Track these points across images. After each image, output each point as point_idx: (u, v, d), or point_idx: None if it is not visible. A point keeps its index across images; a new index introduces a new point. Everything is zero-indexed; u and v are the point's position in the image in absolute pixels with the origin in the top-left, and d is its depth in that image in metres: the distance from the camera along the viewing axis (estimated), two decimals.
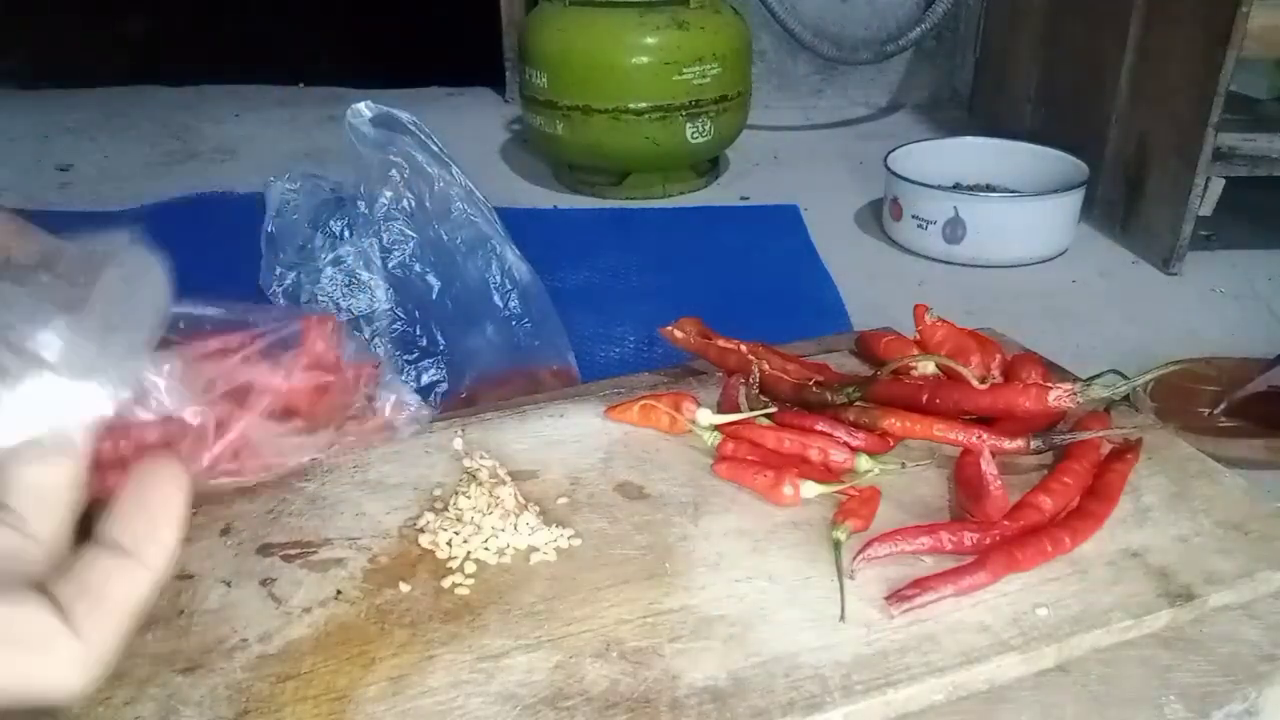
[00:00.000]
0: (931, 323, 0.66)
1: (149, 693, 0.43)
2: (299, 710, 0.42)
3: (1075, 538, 0.51)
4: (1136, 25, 1.47)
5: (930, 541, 0.50)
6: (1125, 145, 1.51)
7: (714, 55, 1.61)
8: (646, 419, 0.62)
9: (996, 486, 0.51)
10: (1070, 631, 0.46)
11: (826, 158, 1.91)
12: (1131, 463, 0.57)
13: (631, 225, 1.56)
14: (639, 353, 1.12)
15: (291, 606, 0.48)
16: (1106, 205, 1.55)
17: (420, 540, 0.52)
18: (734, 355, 0.66)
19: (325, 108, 2.10)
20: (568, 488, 0.57)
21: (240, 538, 0.53)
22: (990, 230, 1.41)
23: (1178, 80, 1.36)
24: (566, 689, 0.43)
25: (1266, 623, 0.47)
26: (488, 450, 0.60)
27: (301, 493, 0.57)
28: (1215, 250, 1.44)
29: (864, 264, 1.43)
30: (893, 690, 0.43)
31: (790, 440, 0.58)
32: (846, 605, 0.47)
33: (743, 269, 1.40)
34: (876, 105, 2.28)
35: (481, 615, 0.47)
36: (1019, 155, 1.60)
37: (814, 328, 1.06)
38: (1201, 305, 1.30)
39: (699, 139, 1.65)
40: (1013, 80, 1.93)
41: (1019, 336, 0.73)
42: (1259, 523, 0.53)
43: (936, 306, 0.68)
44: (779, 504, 0.55)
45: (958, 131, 1.93)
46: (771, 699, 0.42)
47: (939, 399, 0.60)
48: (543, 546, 0.52)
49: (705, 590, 0.49)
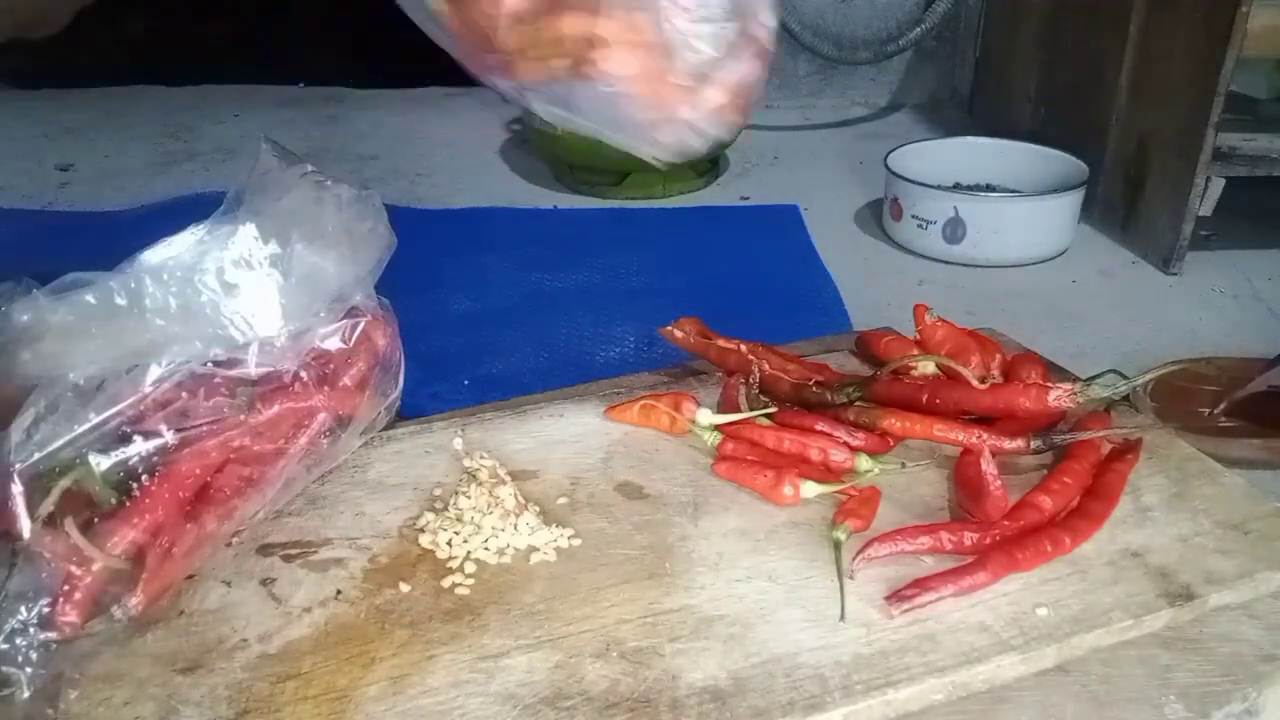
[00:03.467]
0: (931, 323, 0.66)
1: (149, 693, 0.43)
2: (299, 710, 0.42)
3: (1075, 538, 0.51)
4: (1136, 25, 1.47)
5: (930, 541, 0.50)
6: (1125, 145, 1.51)
7: None
8: (646, 419, 0.62)
9: (996, 486, 0.51)
10: (1070, 631, 0.46)
11: (826, 158, 1.91)
12: (1131, 463, 0.57)
13: (631, 225, 1.56)
14: (639, 353, 1.12)
15: (291, 606, 0.48)
16: (1106, 205, 1.55)
17: (420, 540, 0.52)
18: (734, 355, 0.66)
19: (325, 108, 2.10)
20: (568, 488, 0.57)
21: (240, 538, 0.53)
22: (990, 230, 1.41)
23: (1178, 80, 1.36)
24: (566, 689, 0.43)
25: (1266, 623, 0.47)
26: (488, 450, 0.60)
27: (301, 493, 0.57)
28: (1215, 250, 1.44)
29: (864, 264, 1.42)
30: (893, 690, 0.43)
31: (790, 440, 0.58)
32: (846, 605, 0.47)
33: (743, 269, 1.39)
34: (876, 105, 2.28)
35: (481, 615, 0.47)
36: (1019, 155, 1.60)
37: (814, 328, 1.05)
38: (1201, 305, 1.30)
39: None
40: (1013, 80, 1.93)
41: (1019, 336, 0.73)
42: (1259, 523, 0.53)
43: (936, 306, 0.68)
44: (779, 504, 0.55)
45: (958, 131, 1.93)
46: (771, 699, 0.42)
47: (939, 399, 0.60)
48: (543, 546, 0.52)
49: (705, 590, 0.49)
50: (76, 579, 0.44)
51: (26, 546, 0.43)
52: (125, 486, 0.47)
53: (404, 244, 0.60)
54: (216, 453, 0.49)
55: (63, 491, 0.44)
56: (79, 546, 0.44)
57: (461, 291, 1.22)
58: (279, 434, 0.52)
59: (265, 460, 0.51)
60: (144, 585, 0.46)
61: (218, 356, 0.48)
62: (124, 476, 0.46)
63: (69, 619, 0.44)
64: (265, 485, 0.52)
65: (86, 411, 0.45)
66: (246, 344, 0.49)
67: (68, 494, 0.44)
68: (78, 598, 0.44)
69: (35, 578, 0.43)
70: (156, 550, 0.47)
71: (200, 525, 0.49)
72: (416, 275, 1.17)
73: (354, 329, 0.54)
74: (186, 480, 0.48)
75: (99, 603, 0.45)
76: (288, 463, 0.52)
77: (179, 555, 0.48)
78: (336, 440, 0.56)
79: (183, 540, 0.48)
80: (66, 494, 0.44)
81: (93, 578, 0.45)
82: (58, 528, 0.44)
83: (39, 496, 0.43)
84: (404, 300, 0.61)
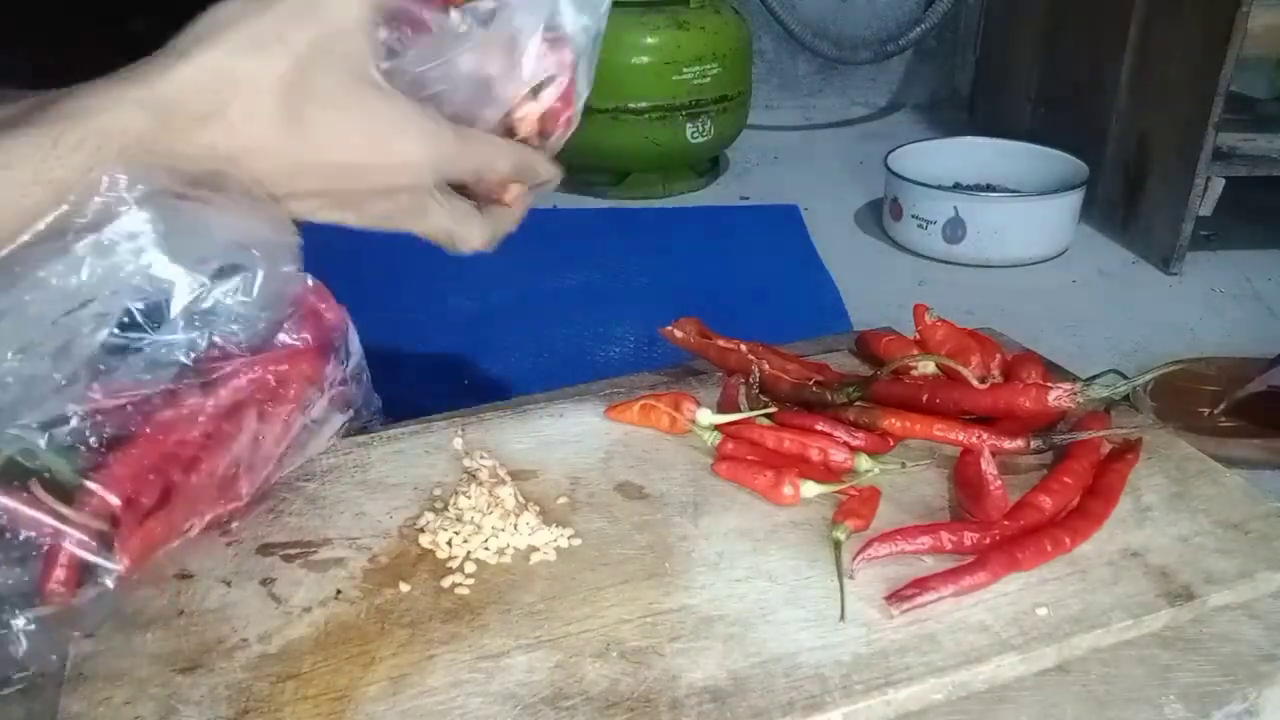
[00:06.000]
0: (931, 323, 0.66)
1: (149, 693, 0.43)
2: (299, 710, 0.42)
3: (1075, 538, 0.51)
4: (1136, 25, 1.47)
5: (930, 541, 0.50)
6: (1125, 145, 1.51)
7: (714, 55, 1.61)
8: (646, 419, 0.62)
9: (996, 486, 0.51)
10: (1070, 631, 0.46)
11: (826, 158, 1.91)
12: (1131, 463, 0.57)
13: (631, 225, 1.56)
14: (639, 353, 1.12)
15: (291, 606, 0.48)
16: (1106, 205, 1.55)
17: (420, 540, 0.52)
18: (734, 355, 0.66)
19: None
20: (567, 487, 0.57)
21: (240, 538, 0.53)
22: (990, 230, 1.41)
23: (1178, 80, 1.36)
24: (566, 689, 0.43)
25: (1266, 623, 0.47)
26: (488, 450, 0.60)
27: (301, 492, 0.57)
28: (1215, 250, 1.44)
29: (864, 264, 1.43)
30: (893, 690, 0.43)
31: (790, 440, 0.58)
32: (846, 605, 0.47)
33: (743, 269, 1.40)
34: (876, 105, 2.28)
35: (481, 615, 0.47)
36: (1019, 155, 1.61)
37: (814, 328, 1.06)
38: (1201, 305, 1.30)
39: (699, 139, 1.65)
40: (1013, 80, 1.93)
41: (1019, 336, 0.73)
42: (1259, 523, 0.53)
43: (936, 306, 0.68)
44: (779, 504, 0.55)
45: (958, 131, 1.93)
46: (771, 699, 0.42)
47: (939, 399, 0.60)
48: (543, 546, 0.52)
49: (705, 590, 0.49)
50: (55, 546, 0.44)
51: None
52: (75, 454, 0.46)
53: (405, 244, 0.60)
54: (167, 410, 0.49)
55: (6, 464, 0.44)
56: (50, 509, 0.44)
57: (462, 291, 1.22)
58: (234, 391, 0.51)
59: (222, 417, 0.51)
60: (124, 543, 0.46)
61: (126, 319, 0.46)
62: (71, 444, 0.46)
63: (57, 588, 0.44)
64: (227, 439, 0.51)
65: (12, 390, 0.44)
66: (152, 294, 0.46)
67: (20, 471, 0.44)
68: (61, 564, 0.44)
69: (10, 548, 0.43)
70: (129, 508, 0.47)
71: (166, 477, 0.48)
72: (417, 275, 1.17)
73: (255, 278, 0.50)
74: (141, 439, 0.48)
75: (84, 570, 0.45)
76: (247, 418, 0.52)
77: (153, 511, 0.48)
78: (301, 400, 0.55)
79: (151, 493, 0.48)
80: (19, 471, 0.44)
81: (72, 543, 0.45)
82: (20, 495, 0.44)
83: None
84: (404, 300, 0.61)
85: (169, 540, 0.50)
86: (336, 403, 0.59)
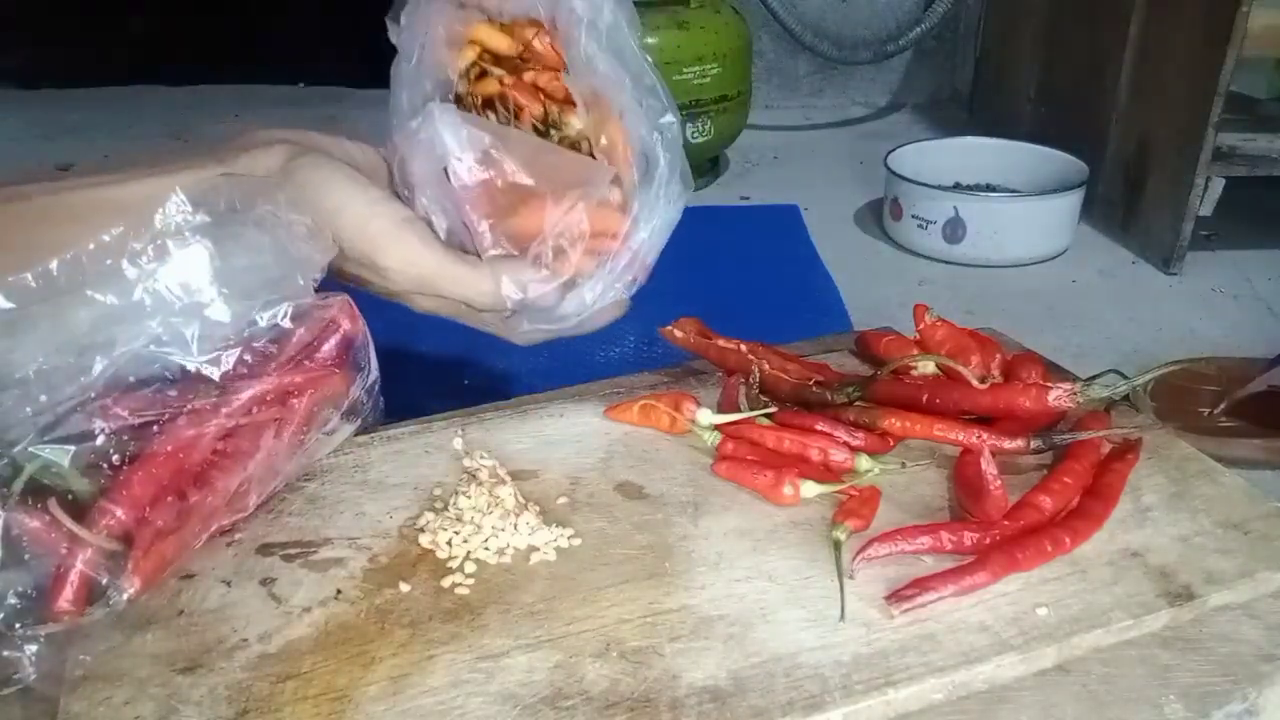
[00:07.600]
0: (931, 323, 0.66)
1: (149, 693, 0.43)
2: (299, 710, 0.42)
3: (1075, 538, 0.51)
4: (1136, 25, 1.47)
5: (930, 541, 0.50)
6: (1125, 145, 1.51)
7: (714, 55, 1.61)
8: (646, 419, 0.62)
9: (996, 486, 0.51)
10: (1070, 631, 0.46)
11: (826, 158, 1.91)
12: (1131, 463, 0.57)
13: None
14: (639, 353, 1.12)
15: (291, 606, 0.48)
16: (1106, 205, 1.55)
17: (420, 540, 0.52)
18: (734, 355, 0.66)
19: (325, 108, 2.09)
20: (567, 487, 0.57)
21: (240, 538, 0.53)
22: (990, 230, 1.41)
23: (1178, 80, 1.36)
24: (566, 689, 0.43)
25: (1266, 623, 0.47)
26: (488, 450, 0.60)
27: (301, 493, 0.57)
28: (1215, 250, 1.44)
29: (864, 264, 1.43)
30: (893, 690, 0.43)
31: (790, 440, 0.58)
32: (846, 605, 0.47)
33: (743, 269, 1.40)
34: (876, 105, 2.28)
35: (481, 615, 0.47)
36: (1019, 155, 1.61)
37: (814, 328, 1.06)
38: (1201, 305, 1.30)
39: (699, 139, 1.65)
40: (1013, 80, 1.93)
41: (1019, 336, 0.73)
42: (1259, 523, 0.53)
43: (936, 306, 0.68)
44: (779, 504, 0.55)
45: (958, 131, 1.93)
46: (771, 699, 0.42)
47: (939, 399, 0.60)
48: (543, 546, 0.52)
49: (705, 590, 0.49)
50: (68, 564, 0.44)
51: (8, 533, 0.43)
52: (98, 473, 0.46)
53: None
54: (189, 430, 0.49)
55: (28, 480, 0.44)
56: (66, 528, 0.44)
57: None
58: (249, 406, 0.51)
59: (241, 434, 0.51)
60: (137, 564, 0.46)
61: (162, 338, 0.47)
62: (94, 461, 0.46)
63: (66, 606, 0.44)
64: (244, 458, 0.51)
65: (40, 404, 0.44)
66: (189, 322, 0.47)
67: (41, 487, 0.44)
68: (72, 583, 0.44)
69: (24, 565, 0.43)
70: (144, 528, 0.47)
71: (184, 499, 0.48)
72: None
73: (302, 309, 0.52)
74: (161, 458, 0.48)
75: (95, 588, 0.45)
76: (264, 436, 0.52)
77: (167, 532, 0.48)
78: (319, 419, 0.55)
79: (167, 515, 0.47)
80: (40, 487, 0.44)
81: (85, 562, 0.45)
82: (38, 513, 0.44)
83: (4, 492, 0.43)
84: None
85: (180, 559, 0.50)
86: (348, 414, 0.59)
